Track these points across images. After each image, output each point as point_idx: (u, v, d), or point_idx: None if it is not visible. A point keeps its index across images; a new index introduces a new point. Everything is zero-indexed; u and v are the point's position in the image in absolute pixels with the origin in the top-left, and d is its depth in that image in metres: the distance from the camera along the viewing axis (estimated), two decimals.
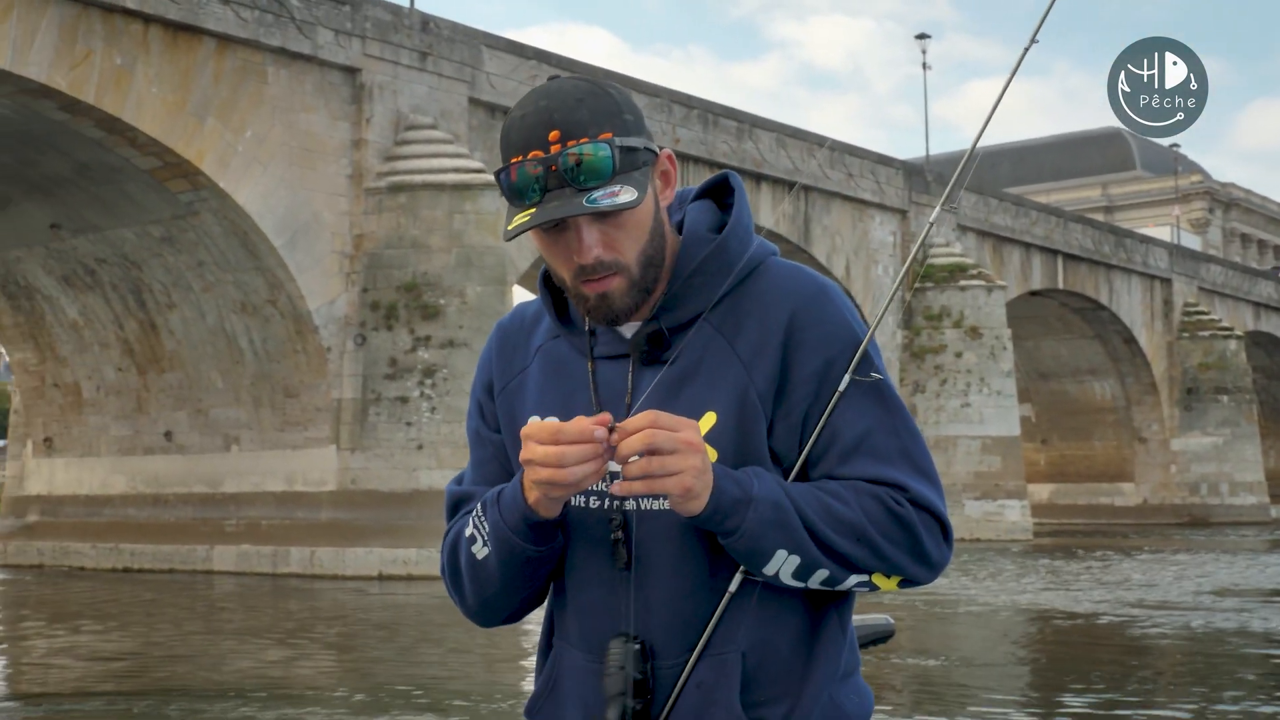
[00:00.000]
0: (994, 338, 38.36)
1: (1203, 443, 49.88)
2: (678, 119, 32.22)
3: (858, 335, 2.06)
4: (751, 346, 2.04)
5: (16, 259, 28.72)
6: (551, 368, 2.15)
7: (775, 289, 2.08)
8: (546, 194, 1.95)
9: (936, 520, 2.04)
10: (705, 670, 2.02)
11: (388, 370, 24.83)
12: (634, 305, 2.04)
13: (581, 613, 2.12)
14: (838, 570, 1.99)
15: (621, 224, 2.00)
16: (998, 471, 37.70)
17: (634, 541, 2.05)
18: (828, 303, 2.08)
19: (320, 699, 11.01)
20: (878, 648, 2.56)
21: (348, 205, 25.30)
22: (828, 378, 2.04)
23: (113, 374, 29.15)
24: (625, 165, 1.97)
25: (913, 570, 2.03)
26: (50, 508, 30.42)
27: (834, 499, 1.99)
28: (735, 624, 2.03)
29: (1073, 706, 10.42)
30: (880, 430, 2.04)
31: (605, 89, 2.02)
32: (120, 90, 22.34)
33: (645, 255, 2.03)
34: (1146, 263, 50.04)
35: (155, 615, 18.82)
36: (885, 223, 38.58)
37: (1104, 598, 19.84)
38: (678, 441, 1.87)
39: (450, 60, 26.87)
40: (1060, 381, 51.08)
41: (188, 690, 11.50)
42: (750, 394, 2.03)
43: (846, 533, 1.97)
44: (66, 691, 11.49)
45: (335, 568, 24.53)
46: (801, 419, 2.04)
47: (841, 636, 2.10)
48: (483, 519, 2.08)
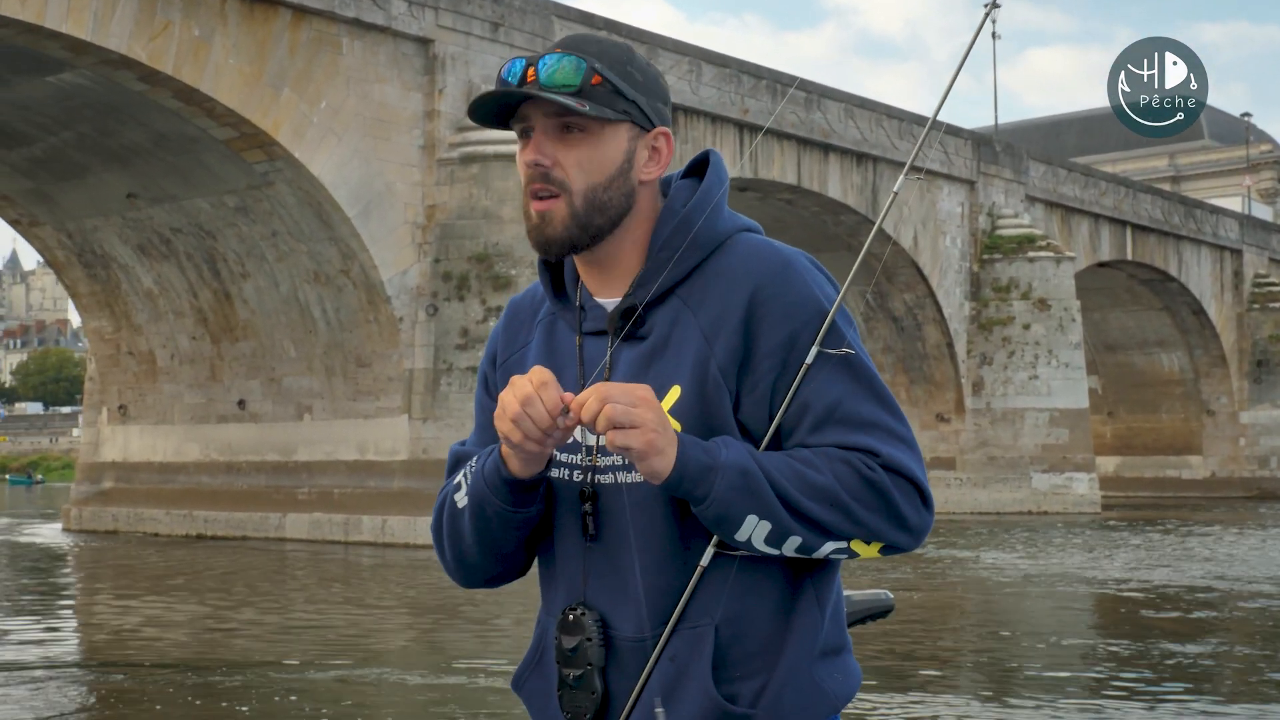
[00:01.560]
0: (1062, 309, 38.06)
1: (1273, 415, 49.37)
2: (746, 89, 32.10)
3: (824, 307, 2.05)
4: (714, 320, 2.05)
5: (94, 228, 29.04)
6: (547, 343, 2.21)
7: (740, 263, 2.08)
8: (522, 86, 2.04)
9: (912, 485, 2.02)
10: (678, 643, 2.03)
11: (459, 340, 24.96)
12: (569, 239, 2.06)
13: (556, 584, 2.16)
14: (811, 536, 1.98)
15: (575, 146, 2.05)
16: (1065, 444, 37.48)
17: (602, 514, 2.09)
18: (792, 274, 2.07)
19: (387, 672, 11.14)
20: (883, 621, 2.56)
21: (420, 176, 25.42)
22: (794, 349, 2.03)
23: (187, 343, 29.46)
24: (599, 95, 2.03)
25: (891, 535, 2.01)
26: (125, 474, 30.82)
27: (806, 465, 1.99)
28: (710, 597, 2.03)
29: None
30: (850, 398, 2.03)
31: (631, 51, 2.10)
32: (198, 61, 22.51)
33: (593, 193, 2.06)
34: (1216, 233, 49.49)
35: (231, 581, 19.06)
36: (953, 193, 38.32)
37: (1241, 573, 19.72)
38: (632, 393, 1.92)
39: (522, 31, 26.88)
40: (1127, 354, 50.66)
41: (253, 663, 11.65)
42: (711, 367, 2.04)
43: (819, 498, 1.97)
44: (143, 661, 11.64)
45: (407, 536, 24.72)
46: (769, 391, 2.04)
47: (818, 612, 2.09)
48: (469, 470, 2.15)
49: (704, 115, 30.95)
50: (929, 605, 15.76)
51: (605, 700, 2.07)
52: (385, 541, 24.91)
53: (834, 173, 34.36)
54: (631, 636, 2.06)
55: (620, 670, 2.07)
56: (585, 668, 2.06)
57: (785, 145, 32.92)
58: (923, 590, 17.16)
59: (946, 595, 17.15)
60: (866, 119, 35.54)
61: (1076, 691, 10.12)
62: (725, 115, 31.37)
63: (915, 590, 16.88)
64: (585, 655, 2.06)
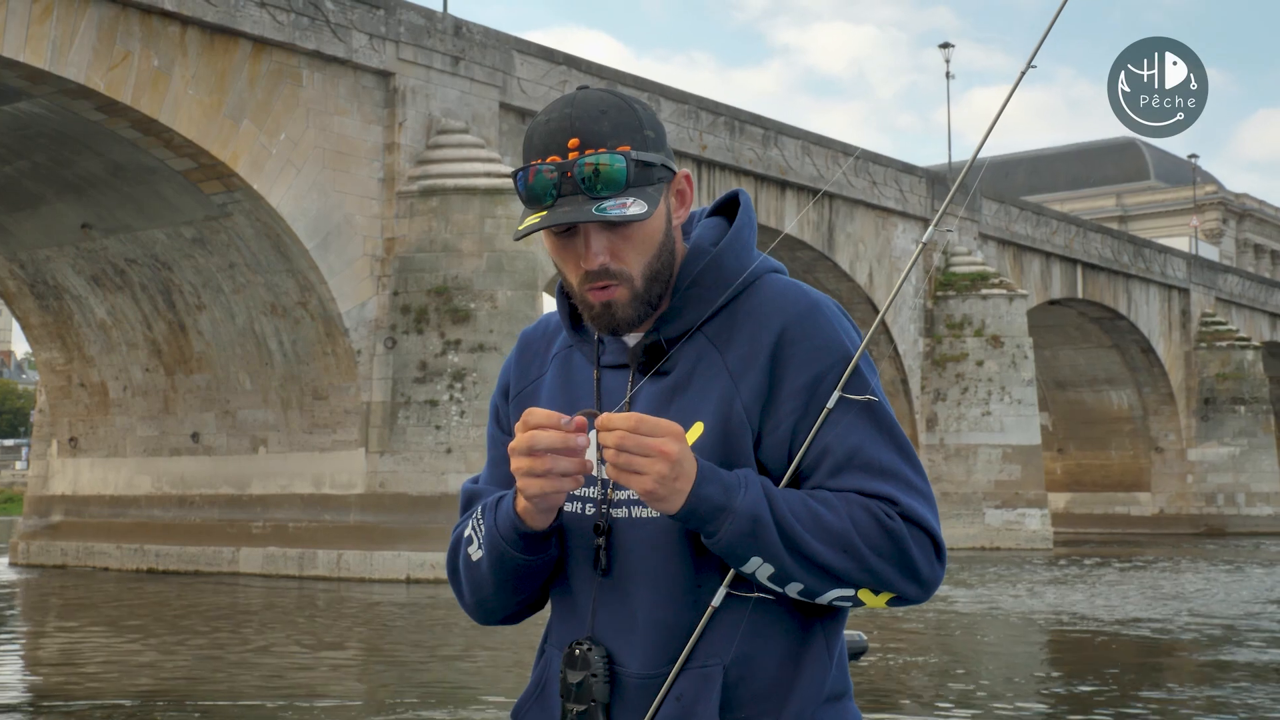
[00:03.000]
0: (1015, 346, 38.34)
1: (1219, 453, 49.86)
2: (704, 125, 32.24)
3: (850, 351, 2.06)
4: (741, 359, 2.06)
5: (46, 258, 28.76)
6: (563, 375, 2.20)
7: (768, 303, 2.09)
8: (560, 199, 2.01)
9: (928, 536, 2.02)
10: (685, 683, 2.02)
11: (417, 374, 24.85)
12: (637, 317, 2.07)
13: (565, 618, 2.15)
14: (815, 582, 1.99)
15: (630, 236, 2.04)
16: (1018, 480, 37.69)
17: (615, 549, 2.08)
18: (819, 317, 2.08)
19: (341, 706, 11.02)
20: (854, 663, 2.56)
21: (379, 208, 25.34)
22: (817, 393, 2.04)
23: (140, 374, 29.18)
24: (639, 179, 2.02)
25: (901, 586, 2.01)
26: (74, 508, 30.44)
27: (824, 506, 1.98)
28: (719, 637, 2.03)
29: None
30: (871, 445, 2.03)
31: (630, 104, 2.07)
32: (157, 91, 22.38)
33: (651, 269, 2.06)
34: (1165, 273, 50.04)
35: (181, 617, 18.84)
36: (908, 231, 38.57)
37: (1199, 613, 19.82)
38: (648, 447, 1.91)
39: (482, 65, 26.91)
40: (1077, 391, 51.07)
41: (209, 696, 11.51)
42: (736, 405, 2.04)
43: (832, 543, 1.97)
44: (85, 696, 11.47)
45: (363, 571, 24.54)
46: (790, 433, 2.04)
47: (828, 657, 2.09)
48: (480, 523, 2.14)
49: None
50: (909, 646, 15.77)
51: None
52: (341, 576, 24.70)
53: (790, 209, 34.52)
54: (638, 673, 2.05)
55: (625, 707, 2.05)
56: (589, 704, 2.04)
57: (742, 181, 33.05)
58: (894, 630, 17.17)
59: (919, 635, 17.16)
60: (823, 156, 35.75)
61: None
62: (684, 151, 31.47)
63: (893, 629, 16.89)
64: (590, 691, 2.04)
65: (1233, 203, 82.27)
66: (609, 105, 2.05)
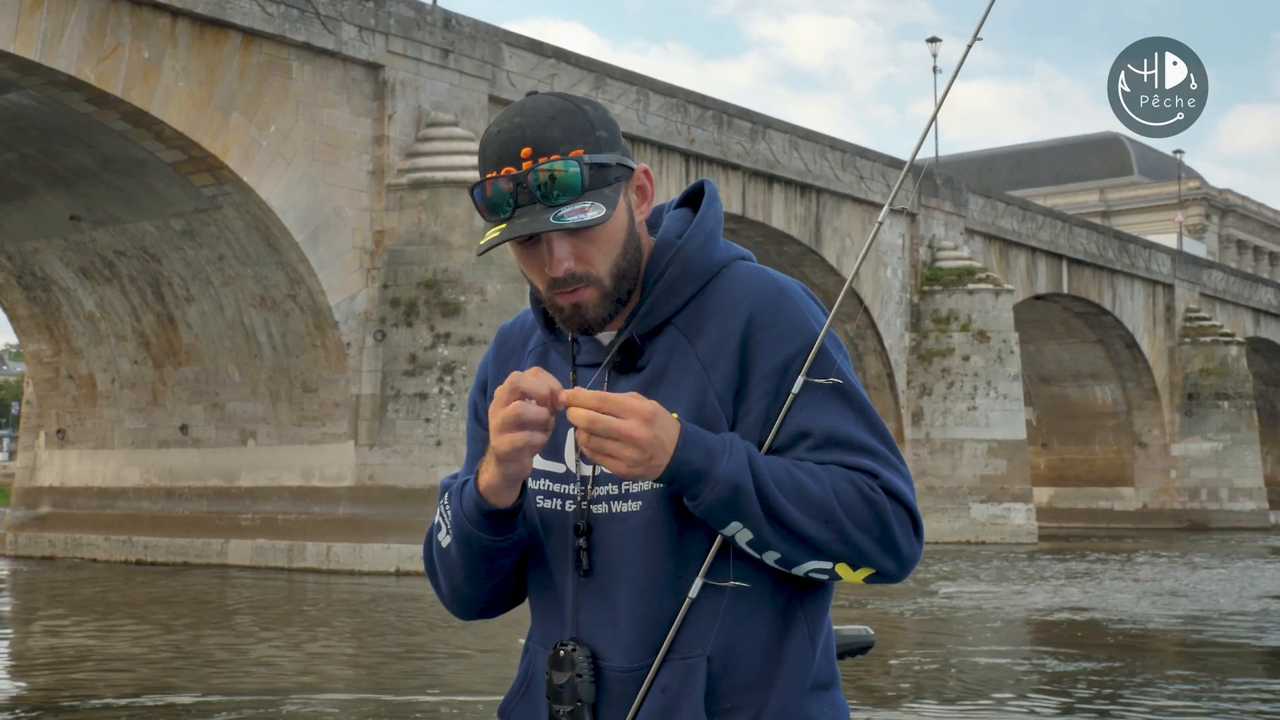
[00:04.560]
0: (1001, 341, 38.46)
1: (1203, 448, 50.06)
2: (693, 119, 32.26)
3: (818, 334, 2.07)
4: (711, 348, 2.07)
5: (34, 250, 28.71)
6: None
7: (736, 290, 2.10)
8: (518, 209, 2.01)
9: (907, 511, 2.03)
10: (669, 674, 2.02)
11: (407, 366, 24.87)
12: (606, 315, 2.08)
13: (548, 617, 2.16)
14: (792, 551, 1.99)
15: (593, 238, 2.04)
16: (1003, 475, 37.82)
17: (595, 548, 2.09)
18: (786, 302, 2.09)
19: (331, 700, 11.06)
20: (856, 659, 2.56)
21: (369, 201, 25.34)
22: (786, 377, 2.05)
23: (128, 367, 29.15)
24: (595, 182, 2.02)
25: (880, 561, 2.01)
26: (62, 499, 30.41)
27: (808, 477, 1.99)
28: (701, 628, 2.03)
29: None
30: (845, 423, 2.06)
31: (580, 106, 2.06)
32: (148, 83, 22.36)
33: (617, 268, 2.07)
34: (1149, 268, 50.22)
35: (169, 610, 18.84)
36: (894, 225, 38.67)
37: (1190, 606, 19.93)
38: (615, 430, 1.91)
39: (471, 58, 26.92)
40: (1061, 385, 51.23)
41: (198, 691, 11.54)
42: (709, 396, 2.05)
43: (814, 512, 1.97)
44: (74, 691, 11.49)
45: (352, 563, 24.56)
46: (762, 417, 2.05)
47: (810, 645, 2.08)
48: (446, 508, 2.15)
49: (650, 144, 31.06)
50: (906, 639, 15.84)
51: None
52: (330, 568, 24.71)
53: (778, 203, 34.58)
54: (621, 667, 2.05)
55: (610, 702, 2.06)
56: (575, 704, 2.05)
57: (730, 175, 33.11)
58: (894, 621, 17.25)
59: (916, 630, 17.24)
60: (810, 150, 35.81)
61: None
62: (671, 145, 31.51)
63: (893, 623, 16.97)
64: (575, 692, 2.05)
65: (1216, 198, 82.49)
66: (558, 110, 2.04)
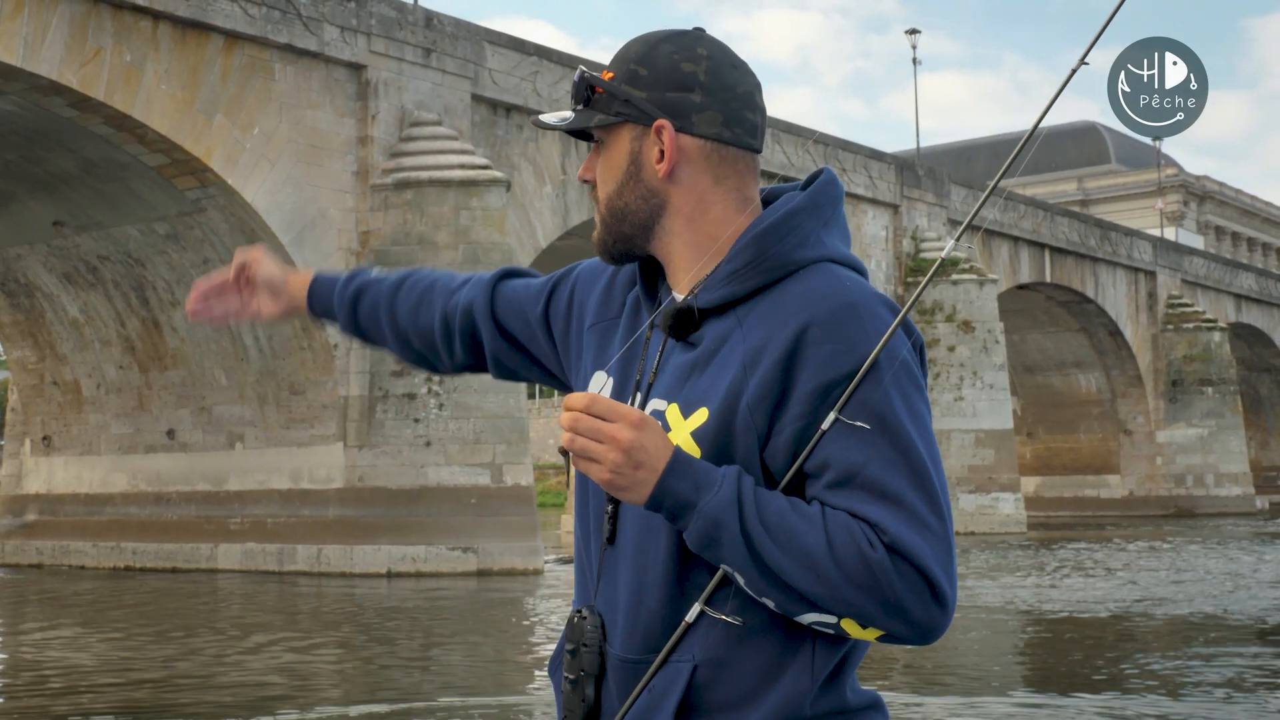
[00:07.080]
0: (986, 331, 38.52)
1: (1188, 434, 50.22)
2: None
3: (877, 363, 1.87)
4: (756, 351, 1.92)
5: (17, 256, 28.56)
6: (630, 324, 2.15)
7: (802, 295, 1.94)
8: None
9: (919, 574, 1.81)
10: (658, 675, 1.95)
11: (395, 367, 24.79)
12: (604, 244, 2.11)
13: (581, 581, 2.13)
14: (785, 601, 1.85)
15: (603, 159, 2.10)
16: (991, 465, 37.89)
17: (620, 519, 2.03)
18: (850, 317, 1.90)
19: (326, 704, 11.01)
20: None
21: (354, 202, 25.26)
22: (825, 403, 1.87)
23: (114, 372, 29.02)
24: (597, 103, 2.07)
25: (887, 623, 1.83)
26: (49, 506, 30.27)
27: (804, 522, 1.84)
28: (696, 635, 1.93)
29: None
30: (875, 464, 1.85)
31: (656, 42, 2.07)
32: (130, 87, 22.24)
33: (610, 201, 2.08)
34: (1131, 256, 50.35)
35: (159, 616, 18.75)
36: (878, 217, 38.72)
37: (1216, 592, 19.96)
38: (600, 431, 1.85)
39: (453, 57, 26.84)
40: (1046, 375, 51.33)
41: (190, 698, 11.48)
42: (741, 402, 1.91)
43: (804, 562, 1.82)
44: (62, 700, 11.42)
45: (343, 565, 24.48)
46: (793, 439, 1.90)
47: (809, 679, 1.92)
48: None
49: None
50: None
51: (596, 709, 2.02)
52: (321, 571, 24.64)
53: None
54: (619, 654, 2.01)
55: (608, 682, 2.02)
56: (579, 673, 2.02)
57: None
58: None
59: None
60: (792, 143, 35.82)
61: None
62: None
63: None
64: (580, 661, 2.02)
65: (1194, 185, 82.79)
66: (645, 39, 2.09)
